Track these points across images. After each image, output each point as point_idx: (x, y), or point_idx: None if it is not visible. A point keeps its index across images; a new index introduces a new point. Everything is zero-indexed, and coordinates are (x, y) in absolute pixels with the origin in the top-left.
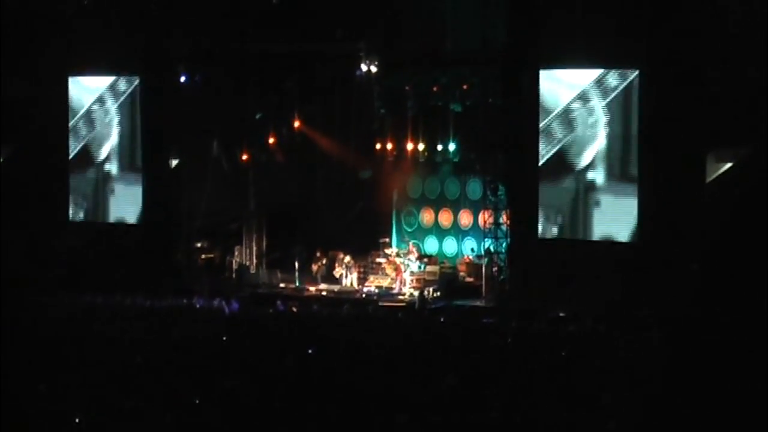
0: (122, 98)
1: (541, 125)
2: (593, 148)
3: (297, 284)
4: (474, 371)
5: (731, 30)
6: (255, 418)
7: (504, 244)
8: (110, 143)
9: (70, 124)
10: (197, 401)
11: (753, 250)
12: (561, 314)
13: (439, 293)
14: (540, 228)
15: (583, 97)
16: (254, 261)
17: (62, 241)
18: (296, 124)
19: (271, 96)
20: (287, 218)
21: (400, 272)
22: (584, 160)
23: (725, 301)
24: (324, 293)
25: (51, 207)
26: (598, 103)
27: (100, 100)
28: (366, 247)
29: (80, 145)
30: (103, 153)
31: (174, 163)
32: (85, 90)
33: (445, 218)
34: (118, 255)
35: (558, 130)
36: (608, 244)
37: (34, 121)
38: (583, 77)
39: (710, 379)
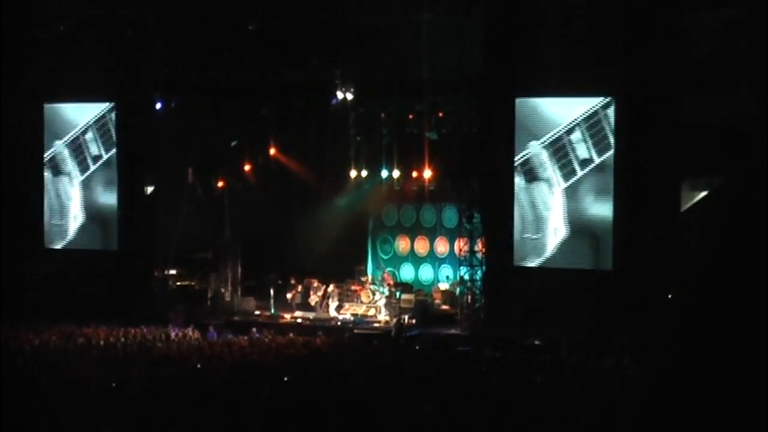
0: None
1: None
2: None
3: (272, 312)
4: (449, 399)
5: (706, 58)
6: None
7: (479, 272)
8: None
9: None
10: (171, 428)
11: (728, 278)
12: (536, 342)
13: (414, 321)
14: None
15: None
16: (229, 288)
17: (36, 267)
18: (272, 151)
19: (246, 123)
20: (262, 245)
21: (392, 298)
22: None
23: (701, 329)
24: (299, 321)
25: (25, 233)
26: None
27: None
28: (341, 275)
29: None
30: None
31: (149, 189)
32: None
33: (421, 246)
34: (93, 282)
35: None
36: (583, 273)
37: (9, 146)
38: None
39: (686, 407)
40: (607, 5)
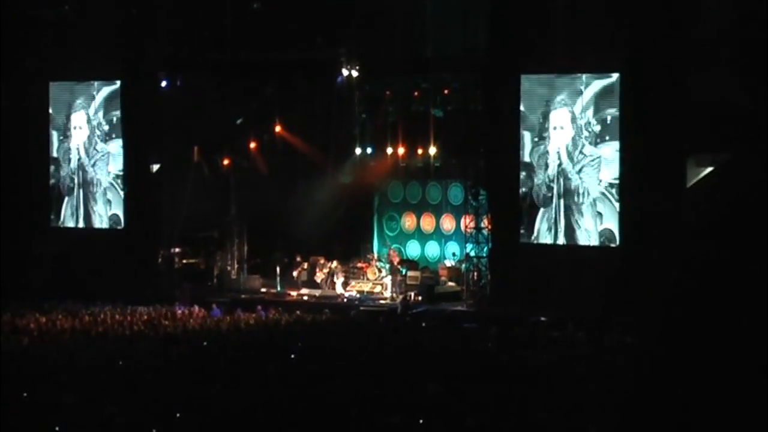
0: None
1: None
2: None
3: (278, 289)
4: (455, 376)
5: (710, 35)
6: (237, 425)
7: (485, 249)
8: None
9: None
10: (178, 407)
11: (734, 255)
12: (542, 319)
13: (420, 298)
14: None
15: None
16: (235, 266)
17: (43, 246)
18: (277, 129)
19: (251, 101)
20: (268, 223)
21: (397, 275)
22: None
23: (706, 306)
24: (305, 298)
25: (32, 212)
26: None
27: None
28: (347, 252)
29: None
30: None
31: (155, 168)
32: None
33: (428, 223)
34: (99, 261)
35: None
36: (589, 249)
37: (16, 126)
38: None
39: (691, 384)
40: None
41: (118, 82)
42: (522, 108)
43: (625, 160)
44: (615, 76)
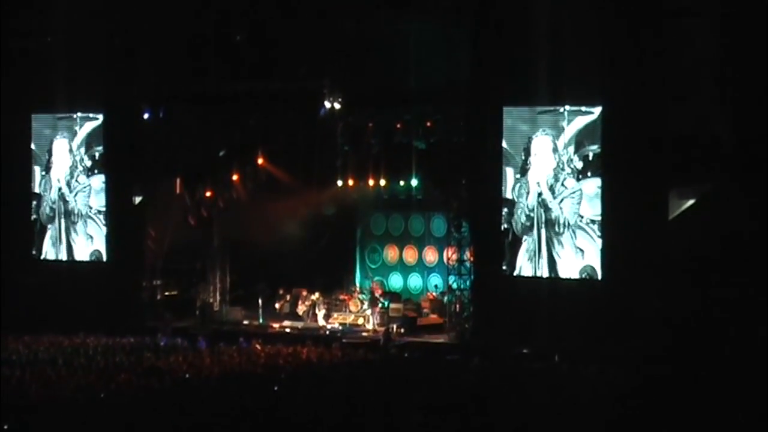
0: None
1: None
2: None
3: (260, 321)
4: (437, 408)
5: (692, 67)
6: None
7: (468, 281)
8: None
9: None
10: None
11: (716, 287)
12: (524, 351)
13: (403, 330)
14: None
15: None
16: (218, 298)
17: (26, 278)
18: (260, 161)
19: (234, 133)
20: (251, 255)
21: (377, 307)
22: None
23: (688, 337)
24: (288, 330)
25: (14, 246)
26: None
27: None
28: (329, 284)
29: None
30: None
31: (137, 200)
32: None
33: (410, 255)
34: (82, 292)
35: None
36: (572, 282)
37: None
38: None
39: (674, 415)
40: (594, 16)
41: (101, 117)
42: (505, 145)
43: (606, 196)
44: (597, 111)
